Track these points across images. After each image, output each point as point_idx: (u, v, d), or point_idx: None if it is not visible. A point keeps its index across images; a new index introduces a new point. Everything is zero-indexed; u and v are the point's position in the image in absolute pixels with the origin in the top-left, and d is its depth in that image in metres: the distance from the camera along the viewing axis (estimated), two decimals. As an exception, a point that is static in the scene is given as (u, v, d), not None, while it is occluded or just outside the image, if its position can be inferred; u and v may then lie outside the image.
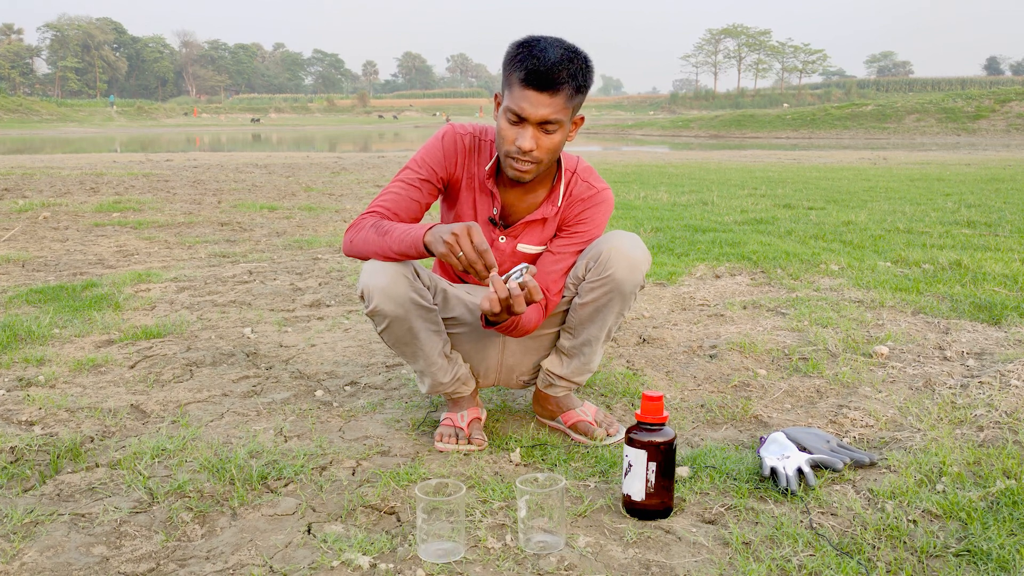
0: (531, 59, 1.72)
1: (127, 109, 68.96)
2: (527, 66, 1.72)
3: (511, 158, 1.81)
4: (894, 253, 4.44)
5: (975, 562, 1.44)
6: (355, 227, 1.90)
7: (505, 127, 1.79)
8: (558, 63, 1.71)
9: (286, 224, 6.06)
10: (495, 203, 1.94)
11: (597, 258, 1.90)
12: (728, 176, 10.44)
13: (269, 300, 3.55)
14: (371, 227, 1.86)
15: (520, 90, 1.74)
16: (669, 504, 1.63)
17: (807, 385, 2.41)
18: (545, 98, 1.73)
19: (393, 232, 1.82)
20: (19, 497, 1.71)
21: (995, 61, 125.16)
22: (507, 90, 1.78)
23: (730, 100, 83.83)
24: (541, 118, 1.75)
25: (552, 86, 1.72)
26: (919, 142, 27.70)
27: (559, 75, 1.71)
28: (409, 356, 1.96)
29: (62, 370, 2.55)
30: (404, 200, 1.92)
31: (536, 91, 1.73)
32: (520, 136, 1.77)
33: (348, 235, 1.90)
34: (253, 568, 1.44)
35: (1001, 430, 2.01)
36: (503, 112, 1.79)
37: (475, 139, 1.94)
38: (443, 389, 2.03)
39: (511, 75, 1.76)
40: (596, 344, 2.00)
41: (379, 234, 1.84)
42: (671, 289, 3.70)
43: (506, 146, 1.80)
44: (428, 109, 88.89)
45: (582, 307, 1.95)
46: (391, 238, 1.81)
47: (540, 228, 1.98)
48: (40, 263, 4.46)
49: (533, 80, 1.72)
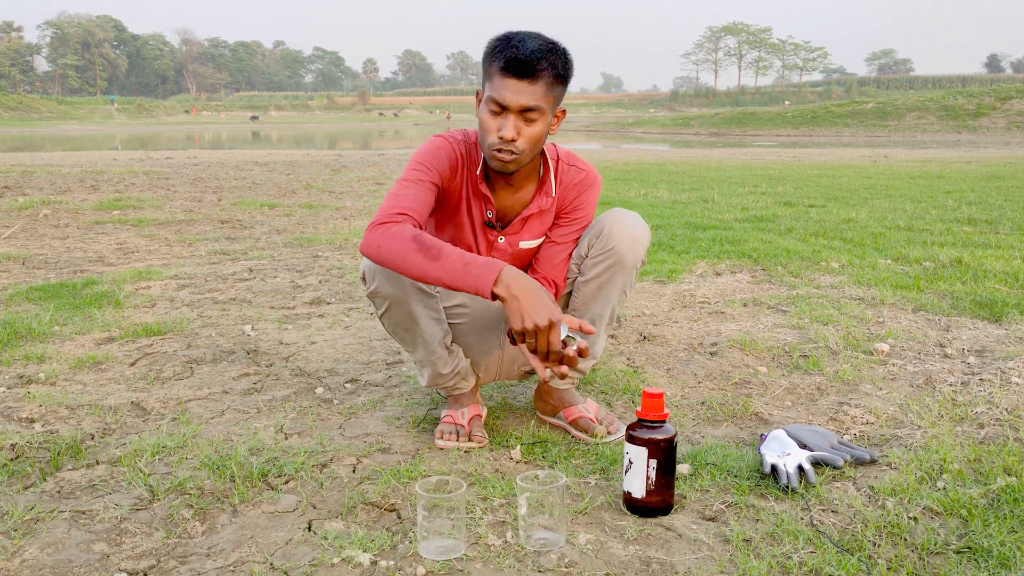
0: (510, 48, 1.73)
1: (127, 107, 68.96)
2: (506, 55, 1.73)
3: (494, 149, 1.80)
4: (895, 250, 4.43)
5: (976, 559, 1.44)
6: (386, 231, 1.72)
7: (487, 118, 1.80)
8: (536, 51, 1.73)
9: (286, 222, 6.06)
10: (489, 206, 1.95)
11: (599, 234, 1.94)
12: (728, 174, 10.44)
13: (269, 298, 3.55)
14: (411, 239, 1.69)
15: (500, 79, 1.75)
16: (670, 501, 1.63)
17: (808, 382, 2.40)
18: (525, 85, 1.74)
19: (446, 258, 1.66)
20: (20, 494, 1.71)
21: (996, 59, 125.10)
22: (487, 82, 1.79)
23: (731, 98, 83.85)
24: (522, 105, 1.75)
25: (531, 73, 1.73)
26: (920, 140, 27.69)
27: (538, 62, 1.73)
28: (409, 343, 1.96)
29: (62, 367, 2.55)
30: (424, 204, 1.81)
31: (516, 79, 1.74)
32: (503, 126, 1.77)
33: (376, 238, 1.72)
34: (254, 565, 1.44)
35: (1002, 427, 2.01)
36: (485, 103, 1.80)
37: (466, 145, 1.93)
38: (443, 382, 2.03)
39: (491, 66, 1.77)
40: (600, 325, 2.00)
41: (424, 253, 1.67)
42: (672, 286, 3.70)
43: (489, 137, 1.80)
44: (428, 107, 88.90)
45: (585, 284, 1.97)
46: (443, 266, 1.66)
47: (538, 221, 1.99)
48: (40, 261, 4.46)
49: (512, 68, 1.73)
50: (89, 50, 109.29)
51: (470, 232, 1.98)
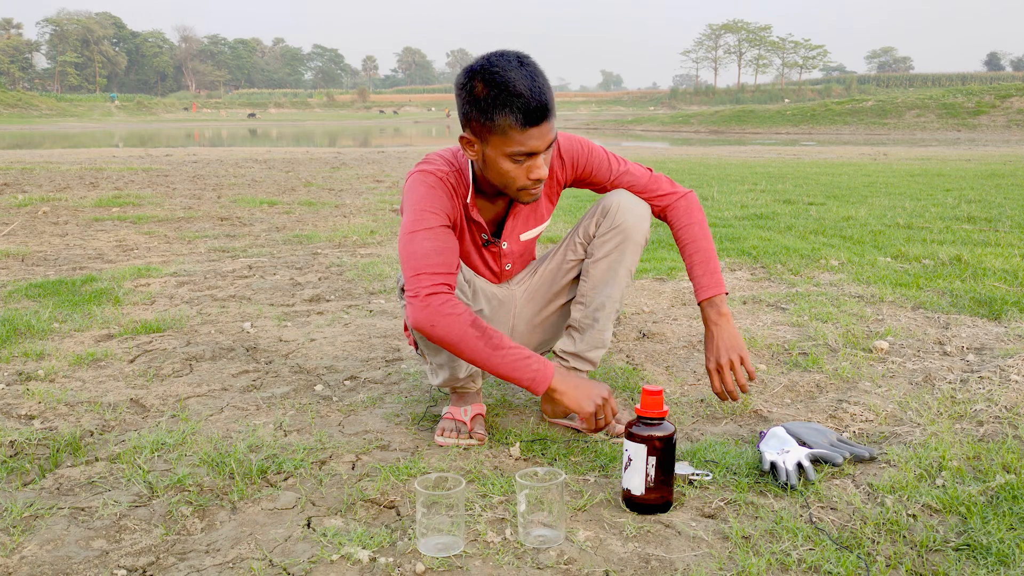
0: (515, 98, 1.69)
1: (127, 104, 68.94)
2: (518, 107, 1.69)
3: (527, 190, 1.82)
4: (894, 248, 4.43)
5: (975, 556, 1.44)
6: (442, 308, 1.70)
7: (513, 168, 1.77)
8: (539, 89, 1.71)
9: (286, 219, 6.06)
10: (482, 231, 1.98)
11: (606, 212, 1.98)
12: (728, 171, 10.43)
13: (269, 295, 3.55)
14: (471, 324, 1.70)
15: (522, 133, 1.72)
16: (669, 498, 1.63)
17: (807, 380, 2.41)
18: (546, 127, 1.74)
19: (505, 350, 1.70)
20: (19, 491, 1.71)
21: (995, 57, 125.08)
22: (498, 135, 1.73)
23: (730, 96, 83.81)
24: (548, 144, 1.77)
25: (548, 115, 1.73)
26: (919, 138, 27.68)
27: (547, 101, 1.73)
28: (432, 349, 1.96)
29: (62, 364, 2.55)
30: (449, 252, 1.78)
31: (537, 127, 1.73)
32: (533, 169, 1.78)
33: (432, 315, 1.70)
34: (253, 562, 1.44)
35: (1001, 425, 2.01)
36: (505, 157, 1.75)
37: (455, 176, 1.90)
38: (457, 384, 2.03)
39: (500, 121, 1.71)
40: (610, 308, 2.02)
41: (485, 341, 1.70)
42: (671, 284, 3.70)
43: (520, 183, 1.80)
44: (427, 104, 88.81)
45: (595, 265, 2.01)
46: (501, 357, 1.69)
47: (531, 209, 2.02)
48: (39, 258, 4.45)
49: (532, 119, 1.71)
50: (88, 47, 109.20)
51: (476, 254, 2.03)
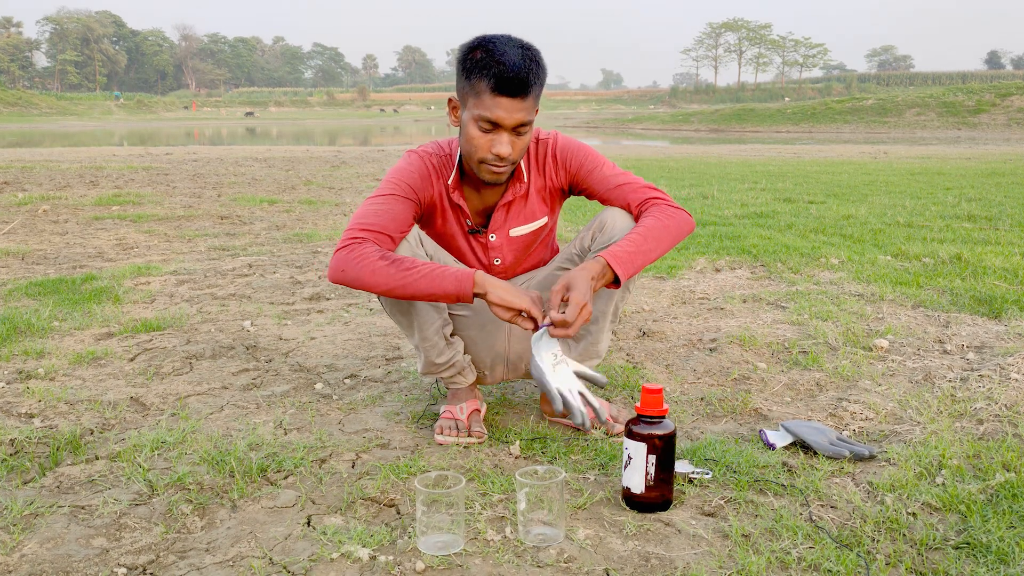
0: (497, 65, 1.70)
1: (127, 103, 68.90)
2: (495, 73, 1.70)
3: (487, 164, 1.80)
4: (894, 247, 4.43)
5: (974, 555, 1.44)
6: (350, 254, 1.73)
7: (478, 135, 1.77)
8: (524, 67, 1.71)
9: (286, 218, 6.06)
10: (464, 215, 1.97)
11: (602, 227, 1.96)
12: (728, 170, 10.43)
13: (269, 293, 3.55)
14: (379, 258, 1.72)
15: (492, 98, 1.72)
16: (669, 497, 1.63)
17: (807, 378, 2.41)
18: (518, 103, 1.73)
19: (418, 267, 1.70)
20: (19, 489, 1.71)
21: (996, 55, 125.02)
22: (473, 97, 1.75)
23: (730, 94, 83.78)
24: (516, 122, 1.75)
25: (524, 90, 1.72)
26: (919, 136, 27.66)
27: (528, 78, 1.71)
28: (406, 327, 1.97)
29: (62, 363, 2.55)
30: (388, 214, 1.80)
31: (509, 98, 1.72)
32: (496, 143, 1.76)
33: (340, 261, 1.74)
34: (253, 560, 1.44)
35: (1001, 423, 2.01)
36: (473, 120, 1.77)
37: (438, 158, 1.92)
38: (437, 372, 2.03)
39: (476, 82, 1.73)
40: (604, 321, 2.01)
41: (396, 267, 1.70)
42: (671, 283, 3.70)
43: (481, 153, 1.79)
44: (427, 103, 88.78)
45: None
46: (416, 276, 1.69)
47: (522, 205, 1.99)
48: (40, 256, 4.46)
49: (504, 87, 1.71)
50: (88, 46, 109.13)
51: (463, 240, 2.01)
